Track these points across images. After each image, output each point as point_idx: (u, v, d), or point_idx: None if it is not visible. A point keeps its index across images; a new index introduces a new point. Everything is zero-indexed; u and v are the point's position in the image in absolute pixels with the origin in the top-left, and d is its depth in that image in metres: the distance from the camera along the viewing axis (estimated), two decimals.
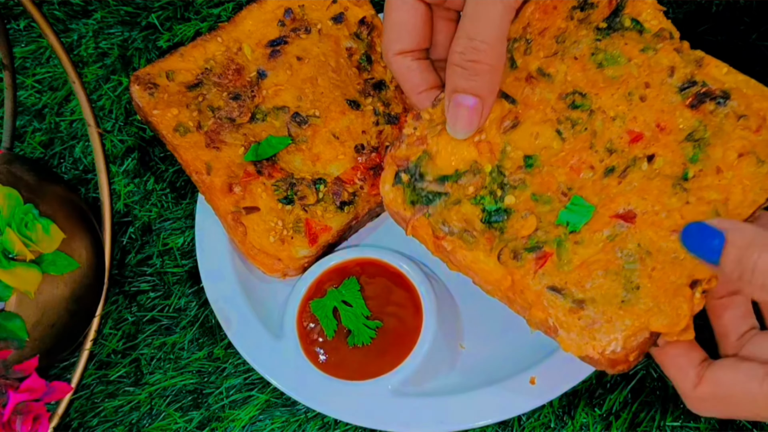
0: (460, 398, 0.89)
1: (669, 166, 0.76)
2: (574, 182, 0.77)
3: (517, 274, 0.76)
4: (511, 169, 0.78)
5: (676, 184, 0.75)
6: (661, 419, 0.89)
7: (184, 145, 0.96)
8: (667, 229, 0.74)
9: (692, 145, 0.76)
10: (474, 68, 0.73)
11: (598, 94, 0.79)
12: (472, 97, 0.74)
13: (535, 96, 0.79)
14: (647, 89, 0.79)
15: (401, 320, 0.91)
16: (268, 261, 0.93)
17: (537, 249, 0.76)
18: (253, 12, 1.01)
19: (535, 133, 0.79)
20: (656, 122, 0.78)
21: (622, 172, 0.77)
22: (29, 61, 1.15)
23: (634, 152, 0.77)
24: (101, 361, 1.01)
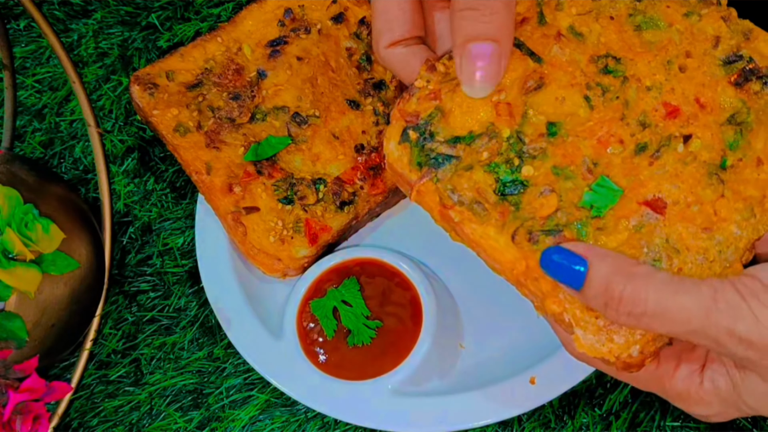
0: (460, 398, 0.89)
1: (706, 150, 0.69)
2: (600, 157, 0.69)
3: (532, 259, 0.67)
4: (532, 136, 0.70)
5: (713, 174, 0.68)
6: (661, 419, 0.89)
7: (184, 145, 0.96)
8: (699, 226, 0.68)
9: (733, 129, 0.70)
10: (487, 5, 0.64)
11: (634, 60, 0.71)
12: (488, 43, 0.64)
13: (564, 56, 0.72)
14: (688, 59, 0.71)
15: (401, 320, 0.91)
16: (267, 261, 0.93)
17: (556, 233, 0.67)
18: (253, 12, 1.01)
19: (561, 97, 0.71)
20: (695, 97, 0.70)
21: (655, 151, 0.69)
22: (29, 61, 1.14)
23: (669, 129, 0.70)
24: (101, 361, 1.01)
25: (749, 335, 0.58)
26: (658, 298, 0.60)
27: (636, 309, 0.60)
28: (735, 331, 0.58)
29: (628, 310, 0.60)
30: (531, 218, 0.68)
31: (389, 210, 1.00)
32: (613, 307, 0.61)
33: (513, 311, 0.93)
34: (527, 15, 0.73)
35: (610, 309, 0.61)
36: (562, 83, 0.71)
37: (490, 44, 0.65)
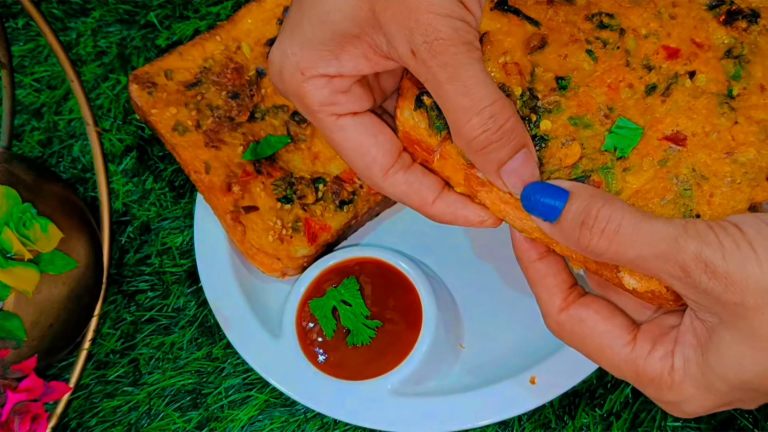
0: (460, 398, 0.89)
1: (712, 83, 0.73)
2: (614, 102, 0.72)
3: None
4: (544, 92, 0.73)
5: (723, 102, 0.72)
6: (662, 419, 0.89)
7: (182, 144, 0.95)
8: (720, 152, 0.70)
9: (732, 63, 0.74)
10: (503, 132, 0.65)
11: (626, 14, 0.75)
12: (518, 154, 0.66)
13: (560, 18, 0.75)
14: (676, 8, 0.75)
15: (401, 320, 0.91)
16: (267, 260, 0.93)
17: (584, 179, 0.70)
18: (252, 10, 1.01)
19: (564, 54, 0.74)
20: (691, 38, 0.75)
21: (665, 90, 0.73)
22: (27, 60, 1.14)
23: (674, 68, 0.74)
24: (100, 360, 1.01)
25: (714, 261, 0.59)
26: (633, 218, 0.62)
27: (610, 225, 0.62)
28: (701, 255, 0.59)
29: (602, 227, 0.62)
30: (556, 170, 0.70)
31: (389, 209, 1.00)
32: (588, 226, 0.62)
33: (513, 311, 0.93)
34: None
35: (585, 228, 0.63)
36: (562, 41, 0.74)
37: (521, 153, 0.67)
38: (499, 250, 0.96)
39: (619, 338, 0.67)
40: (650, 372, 0.66)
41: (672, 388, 0.65)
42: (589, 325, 0.68)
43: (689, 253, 0.60)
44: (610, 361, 0.68)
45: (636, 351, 0.66)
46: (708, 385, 0.63)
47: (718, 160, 0.70)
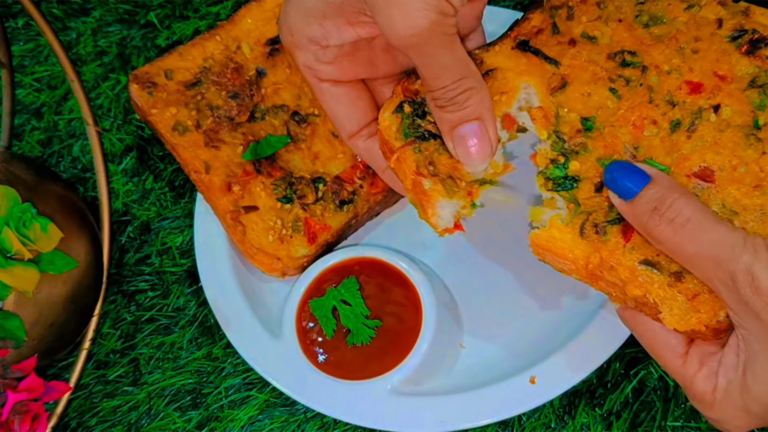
0: (460, 398, 0.89)
1: (737, 115, 0.74)
2: (640, 141, 0.74)
3: (604, 250, 0.71)
4: (570, 134, 0.75)
5: (749, 135, 0.73)
6: (662, 419, 0.89)
7: (182, 144, 0.95)
8: (749, 185, 0.71)
9: (756, 92, 0.75)
10: (459, 101, 0.72)
11: (648, 51, 0.77)
12: (472, 122, 0.72)
13: (582, 57, 0.77)
14: (697, 42, 0.77)
15: (401, 319, 0.91)
16: (267, 260, 0.93)
17: (620, 221, 0.71)
18: (252, 10, 1.01)
19: (587, 92, 0.76)
20: (713, 71, 0.76)
21: (689, 126, 0.74)
22: (27, 60, 1.14)
23: (697, 103, 0.75)
24: (100, 360, 1.01)
25: (760, 278, 0.62)
26: (702, 217, 0.65)
27: (680, 218, 0.66)
28: (752, 269, 0.62)
29: (671, 217, 0.66)
30: (593, 211, 0.72)
31: (389, 209, 1.00)
32: (659, 212, 0.66)
33: (513, 311, 0.93)
34: (542, 26, 0.79)
35: (657, 213, 0.66)
36: (584, 80, 0.76)
37: (474, 123, 0.72)
38: (499, 250, 0.96)
39: (674, 349, 0.71)
40: (696, 390, 0.69)
41: (714, 408, 0.68)
42: (650, 327, 0.72)
43: (741, 264, 0.63)
44: (663, 365, 0.73)
45: (686, 367, 0.70)
46: (745, 406, 0.66)
47: (748, 194, 0.71)
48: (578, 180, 0.74)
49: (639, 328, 0.73)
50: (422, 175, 0.74)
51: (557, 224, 0.73)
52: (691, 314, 0.68)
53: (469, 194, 0.75)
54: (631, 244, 0.71)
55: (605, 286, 0.73)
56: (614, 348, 0.87)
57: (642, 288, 0.70)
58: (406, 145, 0.75)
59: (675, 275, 0.69)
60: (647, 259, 0.70)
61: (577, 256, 0.72)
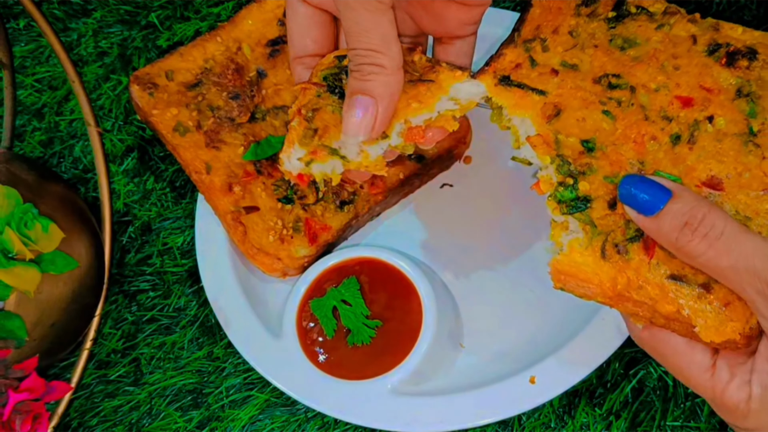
0: (460, 398, 0.89)
1: (732, 124, 0.75)
2: (644, 156, 0.74)
3: (629, 270, 0.71)
4: (573, 156, 0.75)
5: (747, 141, 0.74)
6: (662, 419, 0.89)
7: (183, 145, 0.96)
8: (757, 189, 0.72)
9: (745, 101, 0.76)
10: (364, 70, 0.72)
11: (632, 72, 0.78)
12: (366, 97, 0.72)
13: (568, 84, 0.78)
14: (677, 59, 0.78)
15: (401, 319, 0.91)
16: (267, 260, 0.93)
17: (639, 237, 0.71)
18: (253, 11, 1.01)
19: (581, 117, 0.76)
20: (700, 85, 0.77)
21: (689, 137, 0.75)
22: (29, 61, 1.15)
23: (692, 116, 0.76)
24: (101, 360, 1.01)
25: None
26: (734, 229, 0.65)
27: (713, 232, 0.65)
28: None
29: (705, 231, 0.66)
30: (611, 231, 0.72)
31: (389, 210, 1.00)
32: (692, 227, 0.66)
33: (513, 311, 0.93)
34: (519, 61, 0.79)
35: (688, 229, 0.66)
36: (576, 106, 0.76)
37: (368, 99, 0.72)
38: (499, 250, 0.96)
39: (700, 364, 0.70)
40: (728, 402, 0.68)
41: (749, 418, 0.68)
42: (672, 345, 0.71)
43: None
44: (688, 381, 0.71)
45: (715, 379, 0.69)
46: None
47: (757, 199, 0.72)
48: (590, 200, 0.73)
49: (661, 347, 0.72)
50: (300, 114, 0.76)
51: (577, 248, 0.72)
52: (725, 324, 0.68)
53: (313, 152, 0.74)
54: (656, 260, 0.70)
55: (632, 307, 0.72)
56: (614, 348, 0.87)
57: (674, 303, 0.69)
58: (315, 84, 0.76)
59: (703, 286, 0.69)
60: (674, 273, 0.70)
61: (603, 280, 0.71)
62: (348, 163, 0.74)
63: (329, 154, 0.74)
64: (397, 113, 0.74)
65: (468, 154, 1.01)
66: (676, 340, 0.71)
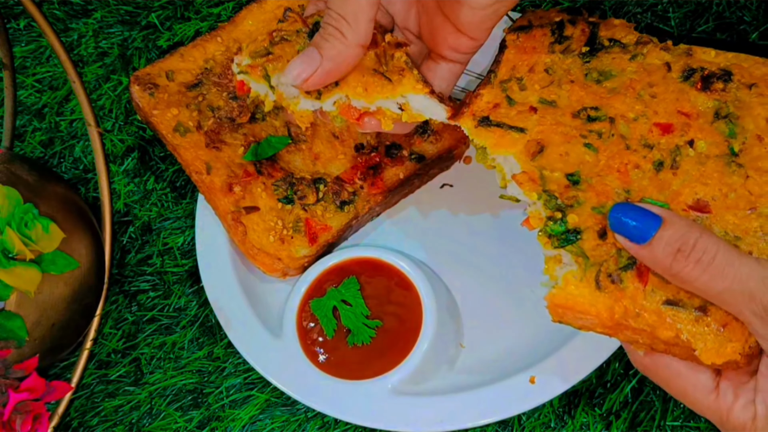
0: (460, 398, 0.89)
1: (713, 146, 0.76)
2: (629, 184, 0.75)
3: (625, 299, 0.71)
4: (559, 190, 0.75)
5: (730, 162, 0.75)
6: (661, 419, 0.89)
7: (184, 145, 0.96)
8: (744, 209, 0.73)
9: (724, 123, 0.77)
10: (327, 30, 0.74)
11: (609, 104, 0.79)
12: (317, 53, 0.75)
13: (548, 121, 0.79)
14: (653, 88, 0.79)
15: (401, 319, 0.91)
16: (267, 260, 0.93)
17: (632, 265, 0.71)
18: (253, 12, 1.01)
19: (564, 152, 0.77)
20: (677, 110, 0.78)
21: (672, 163, 0.76)
22: (29, 61, 1.15)
23: (673, 141, 0.77)
24: (101, 360, 1.01)
25: None
26: (727, 253, 0.66)
27: (706, 257, 0.66)
28: None
29: (698, 257, 0.66)
30: (603, 261, 0.72)
31: (389, 210, 1.00)
32: (685, 253, 0.66)
33: (513, 311, 0.93)
34: (496, 101, 0.81)
35: (681, 255, 0.66)
36: (558, 141, 0.77)
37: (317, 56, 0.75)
38: (499, 250, 0.96)
39: (704, 386, 0.70)
40: (735, 422, 0.69)
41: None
42: (674, 369, 0.71)
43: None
44: (693, 405, 0.72)
45: (720, 401, 0.70)
46: None
47: (745, 218, 0.72)
48: (580, 231, 0.73)
49: (663, 372, 0.72)
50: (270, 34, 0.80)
51: (572, 281, 0.73)
52: (725, 345, 0.68)
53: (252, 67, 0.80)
54: (650, 287, 0.71)
55: (631, 335, 0.72)
56: (614, 348, 0.87)
57: (672, 329, 0.69)
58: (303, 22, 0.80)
59: (700, 309, 0.69)
60: (669, 298, 0.70)
61: (600, 310, 0.72)
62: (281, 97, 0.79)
63: (262, 78, 0.79)
64: (343, 86, 0.77)
65: (468, 154, 1.01)
66: (677, 365, 0.71)
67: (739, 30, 1.00)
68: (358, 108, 0.79)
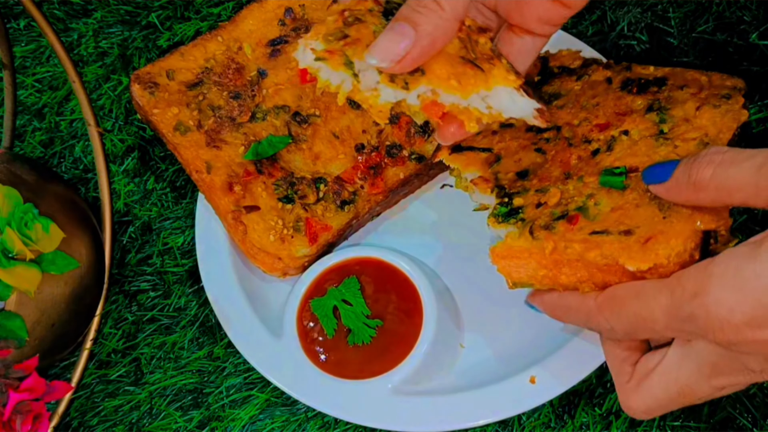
0: (460, 398, 0.89)
1: (645, 131, 0.82)
2: (568, 167, 0.83)
3: (555, 237, 0.76)
4: (509, 183, 0.84)
5: (658, 138, 0.80)
6: (662, 419, 0.89)
7: (184, 144, 0.96)
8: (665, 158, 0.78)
9: (656, 113, 0.83)
10: (421, 2, 0.66)
11: (558, 115, 0.88)
12: (410, 27, 0.66)
13: (506, 138, 0.89)
14: (596, 98, 0.87)
15: (401, 319, 0.91)
16: (268, 260, 0.93)
17: (564, 217, 0.77)
18: (254, 11, 1.01)
19: (518, 159, 0.86)
20: (615, 112, 0.85)
21: (606, 149, 0.82)
22: (29, 61, 1.15)
23: (609, 134, 0.83)
24: (101, 360, 1.01)
25: None
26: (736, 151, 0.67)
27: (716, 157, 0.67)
28: None
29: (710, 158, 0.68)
30: (537, 218, 0.79)
31: (389, 209, 1.00)
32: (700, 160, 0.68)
33: (513, 311, 0.93)
34: None
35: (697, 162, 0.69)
36: (513, 150, 0.88)
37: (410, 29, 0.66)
38: None
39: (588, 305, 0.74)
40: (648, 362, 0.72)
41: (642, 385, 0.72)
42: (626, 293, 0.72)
43: None
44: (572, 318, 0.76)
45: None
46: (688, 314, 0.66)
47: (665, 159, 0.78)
48: (522, 208, 0.81)
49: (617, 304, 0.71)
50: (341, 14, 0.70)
51: (512, 236, 0.79)
52: (649, 254, 0.71)
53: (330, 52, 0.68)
54: (579, 226, 0.76)
55: (570, 272, 0.76)
56: None
57: (598, 248, 0.73)
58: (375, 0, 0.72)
59: (624, 233, 0.74)
60: (595, 230, 0.75)
61: (534, 253, 0.77)
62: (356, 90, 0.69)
63: (343, 65, 0.69)
64: (430, 75, 0.68)
65: None
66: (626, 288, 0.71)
67: (739, 30, 1.00)
68: (444, 104, 0.70)
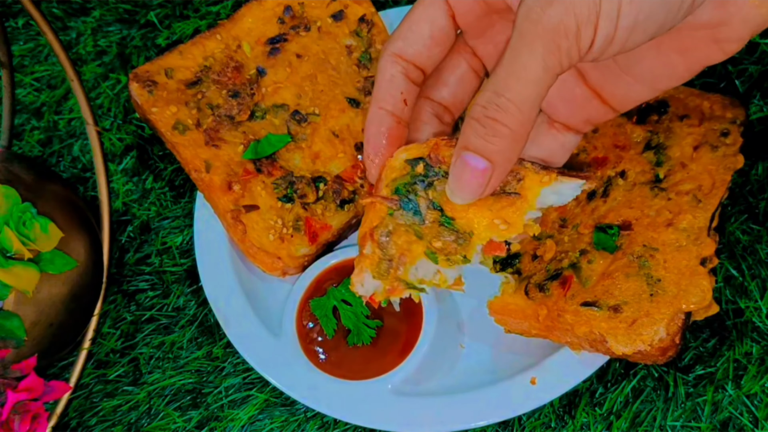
0: (460, 398, 0.89)
1: (640, 175, 0.87)
2: (565, 214, 0.88)
3: (549, 302, 0.84)
4: None
5: (653, 188, 0.86)
6: (662, 419, 0.89)
7: (183, 143, 0.95)
8: (663, 225, 0.83)
9: (653, 153, 0.88)
10: (494, 128, 0.60)
11: None
12: (483, 159, 0.61)
13: None
14: None
15: (401, 320, 0.91)
16: (267, 259, 0.93)
17: (558, 276, 0.84)
18: (253, 10, 1.01)
19: None
20: (614, 144, 0.90)
21: (602, 193, 0.88)
22: (27, 59, 1.14)
23: (606, 173, 0.88)
24: (100, 360, 1.01)
25: None
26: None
27: None
28: None
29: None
30: (533, 274, 0.85)
31: None
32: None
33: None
34: None
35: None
36: None
37: (485, 162, 0.61)
38: None
39: None
40: None
41: None
42: None
43: None
44: None
45: None
46: None
47: (663, 233, 0.83)
48: (519, 255, 0.89)
49: None
50: (371, 238, 0.66)
51: (509, 291, 0.87)
52: (634, 338, 0.80)
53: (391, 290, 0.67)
54: (571, 293, 0.83)
55: (561, 336, 0.84)
56: None
57: (588, 324, 0.81)
58: (386, 199, 0.66)
59: (613, 308, 0.81)
60: (586, 300, 0.82)
61: (529, 315, 0.85)
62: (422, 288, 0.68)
63: (406, 288, 0.67)
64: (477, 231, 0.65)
65: None
66: None
67: None
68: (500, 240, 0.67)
